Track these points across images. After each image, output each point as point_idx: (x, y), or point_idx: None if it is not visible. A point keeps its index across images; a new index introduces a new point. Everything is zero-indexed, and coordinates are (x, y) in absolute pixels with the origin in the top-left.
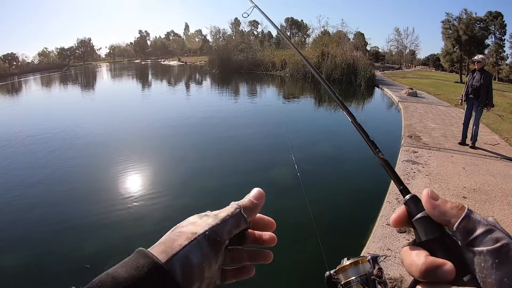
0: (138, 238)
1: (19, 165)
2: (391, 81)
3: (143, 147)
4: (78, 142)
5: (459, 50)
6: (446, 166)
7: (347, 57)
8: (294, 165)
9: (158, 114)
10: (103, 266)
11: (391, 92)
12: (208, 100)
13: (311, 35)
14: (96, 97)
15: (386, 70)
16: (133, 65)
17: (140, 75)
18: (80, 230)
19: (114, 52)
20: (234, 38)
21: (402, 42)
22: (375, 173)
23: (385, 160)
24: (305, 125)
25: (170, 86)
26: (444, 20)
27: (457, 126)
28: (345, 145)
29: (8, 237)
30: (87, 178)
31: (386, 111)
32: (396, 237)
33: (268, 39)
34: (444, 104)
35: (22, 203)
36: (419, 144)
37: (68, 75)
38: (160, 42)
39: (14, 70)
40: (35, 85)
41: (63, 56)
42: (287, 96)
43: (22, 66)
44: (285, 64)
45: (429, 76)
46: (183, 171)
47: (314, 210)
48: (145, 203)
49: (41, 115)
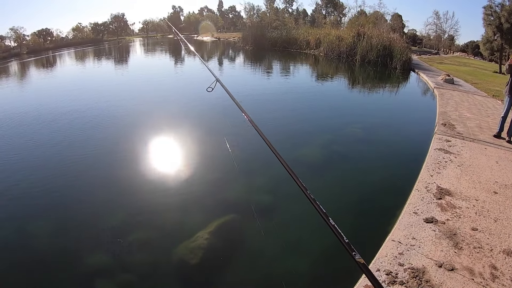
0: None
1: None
2: (427, 66)
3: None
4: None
5: (500, 39)
6: (479, 158)
7: (384, 39)
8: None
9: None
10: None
11: (427, 78)
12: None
13: (347, 14)
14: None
15: (423, 54)
16: (166, 40)
17: (173, 50)
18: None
19: (148, 27)
20: (268, 15)
21: (441, 27)
22: (405, 159)
23: (362, 263)
24: (336, 105)
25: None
26: (485, 6)
27: (493, 117)
28: (376, 128)
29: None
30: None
31: (421, 96)
32: (422, 226)
33: (303, 17)
34: (481, 94)
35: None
36: (453, 133)
37: (101, 49)
38: (193, 17)
39: (49, 45)
40: (69, 59)
41: (97, 31)
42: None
43: (57, 41)
44: (319, 43)
45: (467, 63)
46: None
47: (338, 194)
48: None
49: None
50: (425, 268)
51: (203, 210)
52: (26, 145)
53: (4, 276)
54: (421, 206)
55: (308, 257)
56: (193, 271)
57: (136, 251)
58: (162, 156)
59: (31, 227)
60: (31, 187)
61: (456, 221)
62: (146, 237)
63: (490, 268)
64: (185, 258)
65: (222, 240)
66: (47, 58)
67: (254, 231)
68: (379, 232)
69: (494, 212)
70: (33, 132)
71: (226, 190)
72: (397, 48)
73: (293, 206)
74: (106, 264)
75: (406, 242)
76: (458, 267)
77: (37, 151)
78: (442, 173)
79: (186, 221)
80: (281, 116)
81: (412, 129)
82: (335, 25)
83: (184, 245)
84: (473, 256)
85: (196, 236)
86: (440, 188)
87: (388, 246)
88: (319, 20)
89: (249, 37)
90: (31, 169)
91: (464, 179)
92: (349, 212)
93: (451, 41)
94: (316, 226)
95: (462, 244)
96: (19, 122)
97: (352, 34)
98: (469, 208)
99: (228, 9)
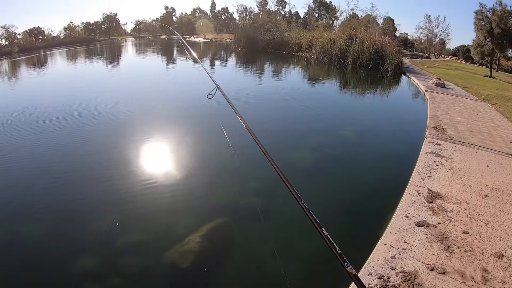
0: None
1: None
2: (419, 69)
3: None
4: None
5: (490, 43)
6: (470, 162)
7: (375, 42)
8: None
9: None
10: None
11: (418, 81)
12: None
13: (340, 17)
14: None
15: (415, 58)
16: (158, 41)
17: (165, 50)
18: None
19: (140, 28)
20: (261, 17)
21: (433, 31)
22: (397, 163)
23: (354, 274)
24: (328, 107)
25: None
26: (477, 11)
27: (484, 121)
28: (367, 131)
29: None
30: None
31: (412, 100)
32: (413, 230)
33: (295, 20)
34: (472, 97)
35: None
36: (444, 136)
37: (93, 48)
38: (186, 18)
39: (40, 43)
40: (60, 58)
41: (89, 31)
42: (318, 80)
43: (48, 40)
44: (311, 45)
45: (458, 67)
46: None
47: (330, 197)
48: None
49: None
50: (417, 271)
51: (194, 214)
52: (13, 146)
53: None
54: (413, 209)
55: (300, 262)
56: (184, 275)
57: (127, 254)
58: (154, 159)
59: (21, 229)
60: (19, 189)
61: (447, 225)
62: (137, 240)
63: (481, 271)
64: (176, 262)
65: (213, 244)
66: (38, 57)
67: (246, 235)
68: (371, 235)
69: (485, 215)
70: (21, 132)
71: (218, 194)
72: (388, 52)
73: (286, 212)
74: (96, 267)
75: (398, 246)
76: (449, 271)
77: (24, 153)
78: (433, 176)
79: (178, 224)
80: (273, 118)
81: (403, 133)
82: (327, 28)
83: (175, 249)
84: (465, 259)
85: (187, 240)
86: (431, 191)
87: (380, 250)
88: (311, 22)
89: (242, 39)
90: (18, 171)
91: (455, 183)
92: (341, 215)
93: (442, 45)
94: (309, 232)
95: (453, 247)
96: (6, 122)
97: (344, 37)
98: (460, 212)
99: (220, 11)
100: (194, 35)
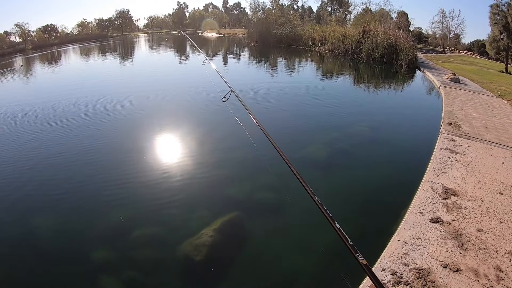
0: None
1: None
2: (433, 64)
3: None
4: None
5: (506, 38)
6: (484, 159)
7: (389, 37)
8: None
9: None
10: None
11: (433, 76)
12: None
13: (353, 12)
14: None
15: (429, 52)
16: (171, 36)
17: (179, 46)
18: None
19: (152, 23)
20: (273, 12)
21: (447, 25)
22: (411, 158)
23: (365, 264)
24: (341, 102)
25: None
26: (492, 5)
27: (500, 117)
28: (381, 127)
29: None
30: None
31: (427, 95)
32: (427, 226)
33: (308, 14)
34: (487, 93)
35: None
36: (458, 132)
37: (106, 45)
38: (198, 14)
39: (54, 40)
40: (73, 54)
41: (102, 27)
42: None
43: (62, 36)
44: (324, 40)
45: (473, 62)
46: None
47: (344, 193)
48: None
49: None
50: (430, 268)
51: (208, 207)
52: (28, 140)
53: (9, 272)
54: (427, 206)
55: (312, 256)
56: (197, 268)
57: (141, 247)
58: (169, 154)
59: (35, 223)
60: (34, 183)
61: (461, 222)
62: (151, 233)
63: (495, 269)
64: (189, 255)
65: (226, 238)
66: (52, 54)
67: (259, 229)
68: (384, 231)
69: (499, 213)
70: (35, 127)
71: (232, 188)
72: (402, 46)
73: (299, 206)
74: (110, 260)
75: (412, 242)
76: (463, 268)
77: (39, 147)
78: (447, 172)
79: (191, 218)
80: (286, 114)
81: (417, 128)
82: (340, 22)
83: (188, 242)
84: (478, 257)
85: (200, 233)
86: (445, 188)
87: (393, 246)
88: (324, 17)
89: (254, 34)
90: (33, 165)
91: (470, 179)
92: (354, 211)
93: (456, 40)
94: (321, 226)
95: (467, 245)
96: (21, 118)
97: (358, 31)
98: (475, 209)
99: (233, 6)
100: (207, 30)
